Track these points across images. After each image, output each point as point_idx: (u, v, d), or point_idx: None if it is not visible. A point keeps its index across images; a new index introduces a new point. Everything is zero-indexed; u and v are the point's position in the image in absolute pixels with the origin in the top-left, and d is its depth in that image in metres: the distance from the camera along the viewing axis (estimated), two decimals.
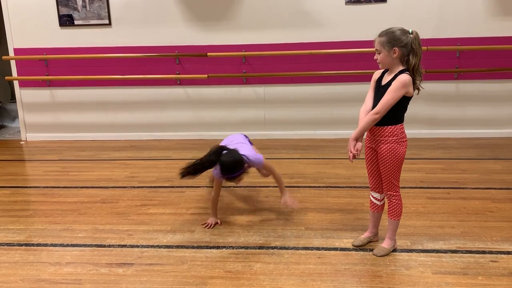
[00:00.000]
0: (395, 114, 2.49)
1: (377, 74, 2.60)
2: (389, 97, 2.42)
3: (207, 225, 3.13)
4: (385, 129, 2.50)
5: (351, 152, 2.54)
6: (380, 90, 2.51)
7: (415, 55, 2.43)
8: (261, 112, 5.53)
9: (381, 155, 2.55)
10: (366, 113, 2.54)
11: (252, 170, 3.22)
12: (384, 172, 2.58)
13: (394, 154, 2.52)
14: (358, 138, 2.54)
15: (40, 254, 2.81)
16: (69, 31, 5.53)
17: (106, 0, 5.36)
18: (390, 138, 2.51)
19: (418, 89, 2.49)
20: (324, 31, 5.28)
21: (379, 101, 2.46)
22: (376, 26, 2.73)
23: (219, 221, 3.17)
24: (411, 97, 2.48)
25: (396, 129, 2.51)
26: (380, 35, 2.46)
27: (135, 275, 2.54)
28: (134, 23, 5.45)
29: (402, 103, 2.47)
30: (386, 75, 2.53)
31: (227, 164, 2.84)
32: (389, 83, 2.45)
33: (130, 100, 5.70)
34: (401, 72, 2.44)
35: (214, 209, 3.17)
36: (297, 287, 2.38)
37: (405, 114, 2.54)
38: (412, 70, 2.45)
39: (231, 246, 2.84)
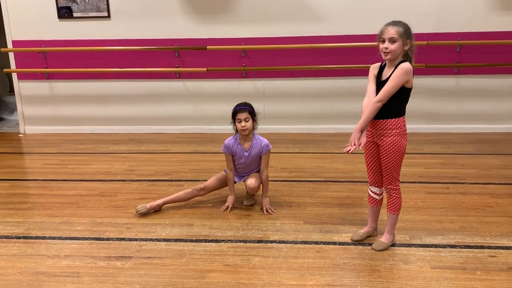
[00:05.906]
0: (398, 106, 2.49)
1: (375, 68, 2.58)
2: (392, 84, 2.42)
3: (226, 208, 3.27)
4: (389, 122, 2.50)
5: (353, 144, 2.47)
6: (380, 86, 2.49)
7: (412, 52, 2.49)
8: (261, 106, 5.49)
9: (383, 148, 2.54)
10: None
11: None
12: (385, 165, 2.57)
13: (397, 147, 2.51)
14: (363, 129, 2.51)
15: (39, 247, 2.81)
16: (68, 24, 5.50)
17: None
18: (393, 131, 2.50)
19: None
20: (325, 24, 5.25)
21: None
22: (377, 20, 2.74)
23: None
24: (411, 88, 2.48)
25: (399, 121, 2.50)
26: (396, 24, 2.42)
27: (133, 268, 2.54)
28: (133, 16, 5.42)
29: (404, 95, 2.48)
30: (385, 69, 2.52)
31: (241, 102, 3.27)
32: (389, 77, 2.44)
33: (129, 93, 5.68)
34: (400, 62, 2.45)
35: (232, 187, 3.31)
36: (295, 281, 2.38)
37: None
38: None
39: (230, 240, 2.84)
